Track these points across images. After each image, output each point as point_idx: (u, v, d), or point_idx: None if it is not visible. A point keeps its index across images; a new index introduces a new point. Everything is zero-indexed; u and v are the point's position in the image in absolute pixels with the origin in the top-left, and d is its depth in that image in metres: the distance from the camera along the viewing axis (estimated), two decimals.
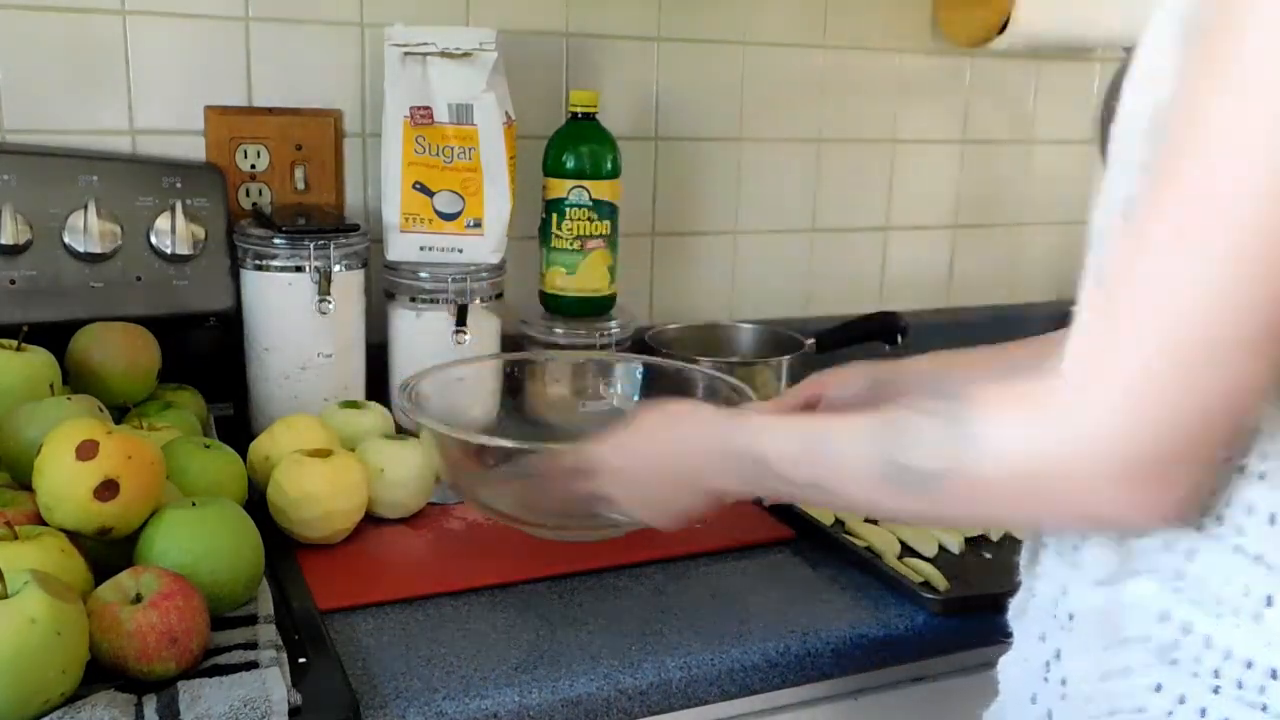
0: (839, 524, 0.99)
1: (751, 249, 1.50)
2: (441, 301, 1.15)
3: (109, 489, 0.73)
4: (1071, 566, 0.62)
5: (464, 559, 0.92)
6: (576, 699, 0.75)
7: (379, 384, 1.19)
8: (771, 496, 0.79)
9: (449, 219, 1.17)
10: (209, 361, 1.16)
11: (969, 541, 0.97)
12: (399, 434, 1.02)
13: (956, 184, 1.63)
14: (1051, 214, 1.70)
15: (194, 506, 0.76)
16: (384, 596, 0.84)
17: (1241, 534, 0.55)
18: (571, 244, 1.24)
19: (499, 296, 1.20)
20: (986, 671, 0.90)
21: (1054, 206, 1.70)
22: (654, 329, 1.36)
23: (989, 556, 0.96)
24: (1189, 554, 0.56)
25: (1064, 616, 0.63)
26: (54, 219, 1.07)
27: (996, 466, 0.56)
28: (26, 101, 1.12)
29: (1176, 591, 0.57)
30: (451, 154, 1.16)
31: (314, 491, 0.89)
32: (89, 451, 0.73)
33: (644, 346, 1.29)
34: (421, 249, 1.17)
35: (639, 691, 0.77)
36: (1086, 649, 0.60)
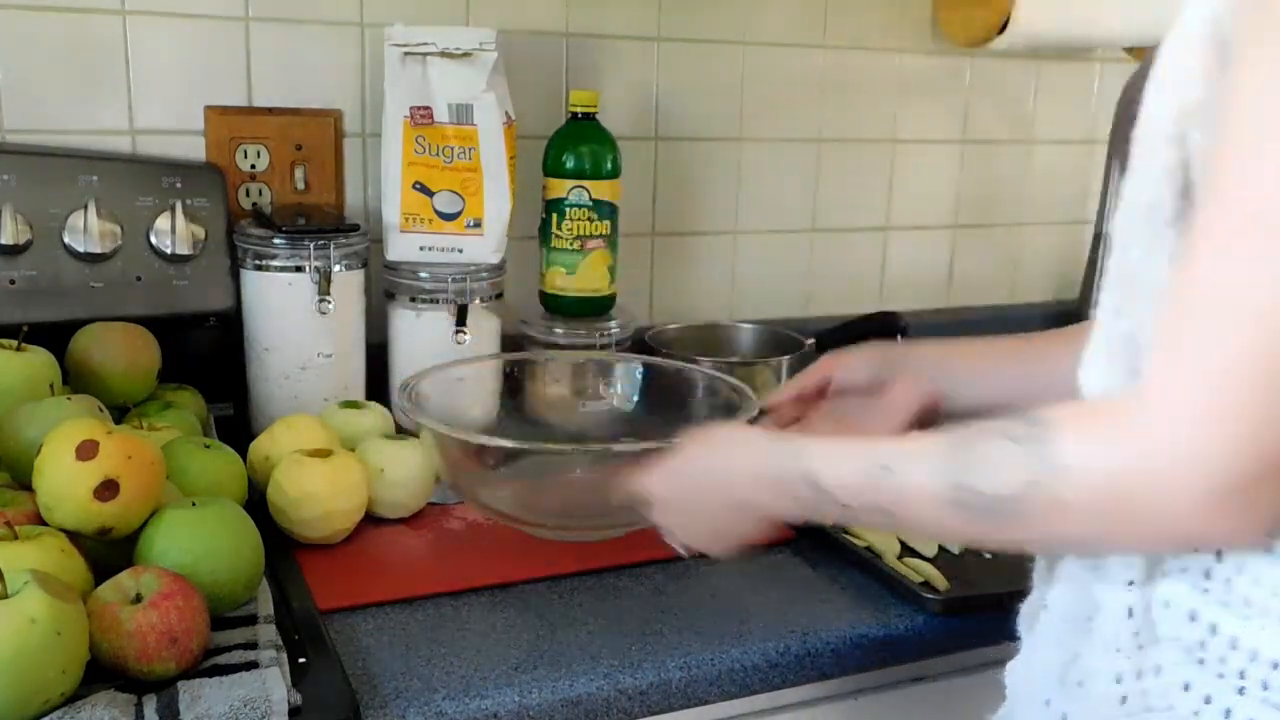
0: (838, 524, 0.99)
1: (751, 249, 1.50)
2: (441, 301, 1.15)
3: (109, 489, 0.73)
4: (1093, 570, 0.62)
5: (464, 559, 0.92)
6: (576, 699, 0.75)
7: (379, 384, 1.19)
8: (828, 520, 0.76)
9: (449, 219, 1.17)
10: (209, 361, 1.16)
11: None
12: (399, 434, 1.02)
13: (956, 184, 1.63)
14: (1051, 214, 1.70)
15: (194, 506, 0.76)
16: (384, 596, 0.84)
17: (1273, 536, 0.54)
18: (571, 244, 1.24)
19: (499, 296, 1.20)
20: (986, 671, 0.90)
21: (1054, 206, 1.70)
22: (654, 329, 1.36)
23: (989, 556, 0.96)
24: (1219, 555, 0.56)
25: (1083, 619, 0.63)
26: (54, 219, 1.07)
27: (1078, 489, 0.54)
28: (26, 101, 1.12)
29: (1205, 592, 0.57)
30: (451, 154, 1.16)
31: (314, 491, 0.89)
32: (89, 451, 0.73)
33: (644, 346, 1.29)
34: (421, 249, 1.17)
35: (639, 691, 0.77)
36: (1113, 649, 0.60)
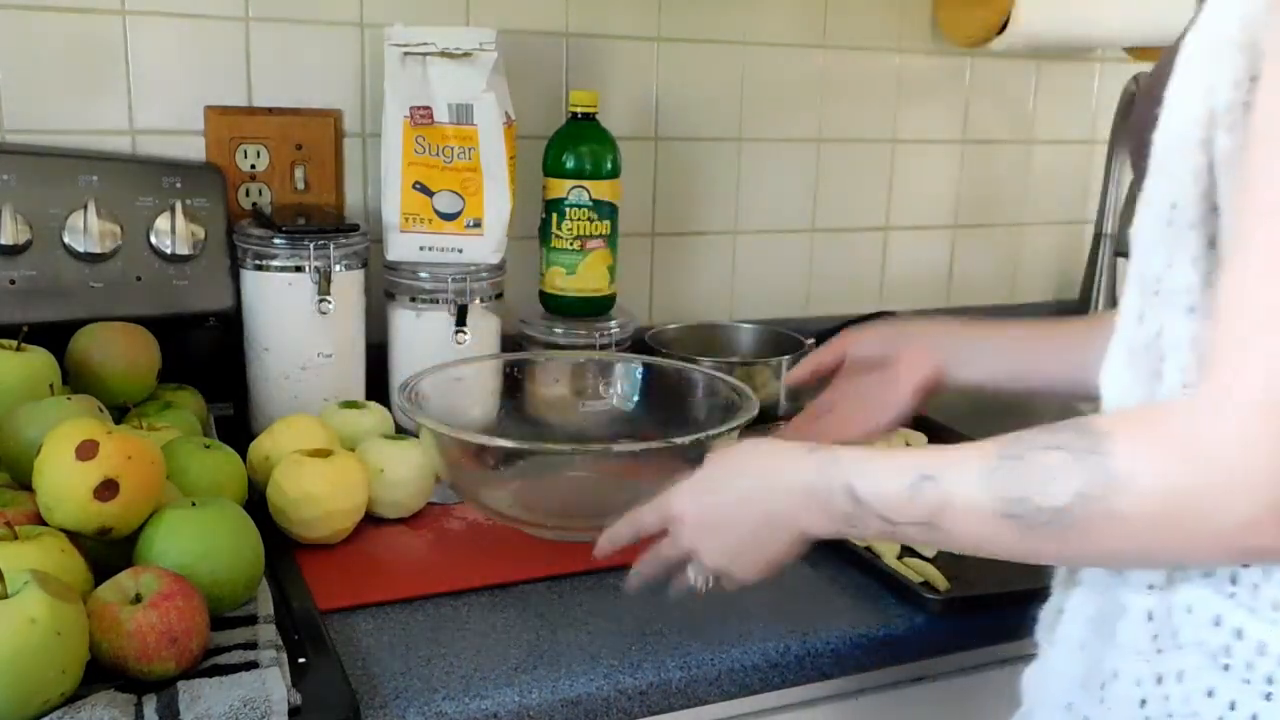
0: None
1: (751, 249, 1.50)
2: (441, 301, 1.15)
3: (109, 489, 0.73)
4: (1114, 574, 0.62)
5: (464, 559, 0.92)
6: (576, 699, 0.75)
7: (379, 384, 1.19)
8: (868, 536, 0.73)
9: (449, 219, 1.17)
10: (209, 361, 1.16)
11: None
12: (399, 434, 1.02)
13: (956, 184, 1.63)
14: (1051, 214, 1.70)
15: (194, 506, 0.76)
16: (384, 596, 0.84)
17: None
18: (571, 244, 1.24)
19: (499, 296, 1.20)
20: (986, 671, 0.91)
21: (1054, 206, 1.70)
22: (654, 329, 1.36)
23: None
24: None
25: (1105, 624, 0.62)
26: (54, 219, 1.07)
27: (1133, 501, 0.53)
28: (26, 101, 1.12)
29: (1231, 597, 0.56)
30: (451, 154, 1.16)
31: (314, 491, 0.89)
32: (89, 451, 0.73)
33: (644, 346, 1.28)
34: (421, 249, 1.17)
35: (639, 691, 0.77)
36: (1136, 653, 0.60)
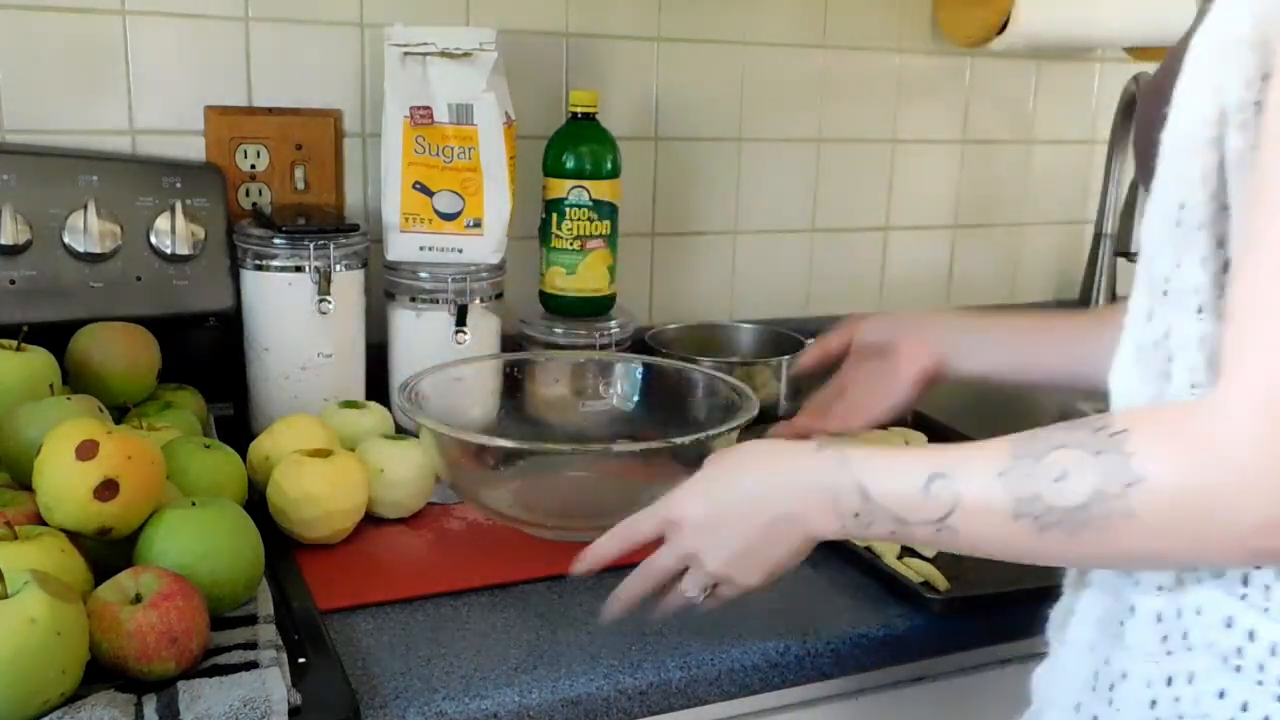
0: None
1: (751, 249, 1.50)
2: (441, 301, 1.15)
3: (109, 489, 0.73)
4: (1126, 575, 0.62)
5: (464, 559, 0.92)
6: (576, 699, 0.75)
7: (379, 384, 1.19)
8: (878, 538, 0.69)
9: (449, 219, 1.17)
10: (209, 361, 1.16)
11: None
12: (399, 434, 1.02)
13: (956, 184, 1.63)
14: (1051, 214, 1.70)
15: (194, 506, 0.76)
16: (384, 596, 0.84)
17: None
18: (571, 244, 1.24)
19: (499, 296, 1.19)
20: (987, 671, 0.91)
21: (1054, 206, 1.70)
22: (654, 329, 1.36)
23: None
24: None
25: (1115, 624, 0.62)
26: (54, 219, 1.07)
27: (1152, 500, 0.53)
28: (26, 101, 1.12)
29: (1242, 598, 0.56)
30: (451, 154, 1.16)
31: (314, 491, 0.89)
32: (89, 451, 0.73)
33: (644, 346, 1.29)
34: (421, 249, 1.17)
35: (639, 691, 0.76)
36: (1145, 655, 0.60)
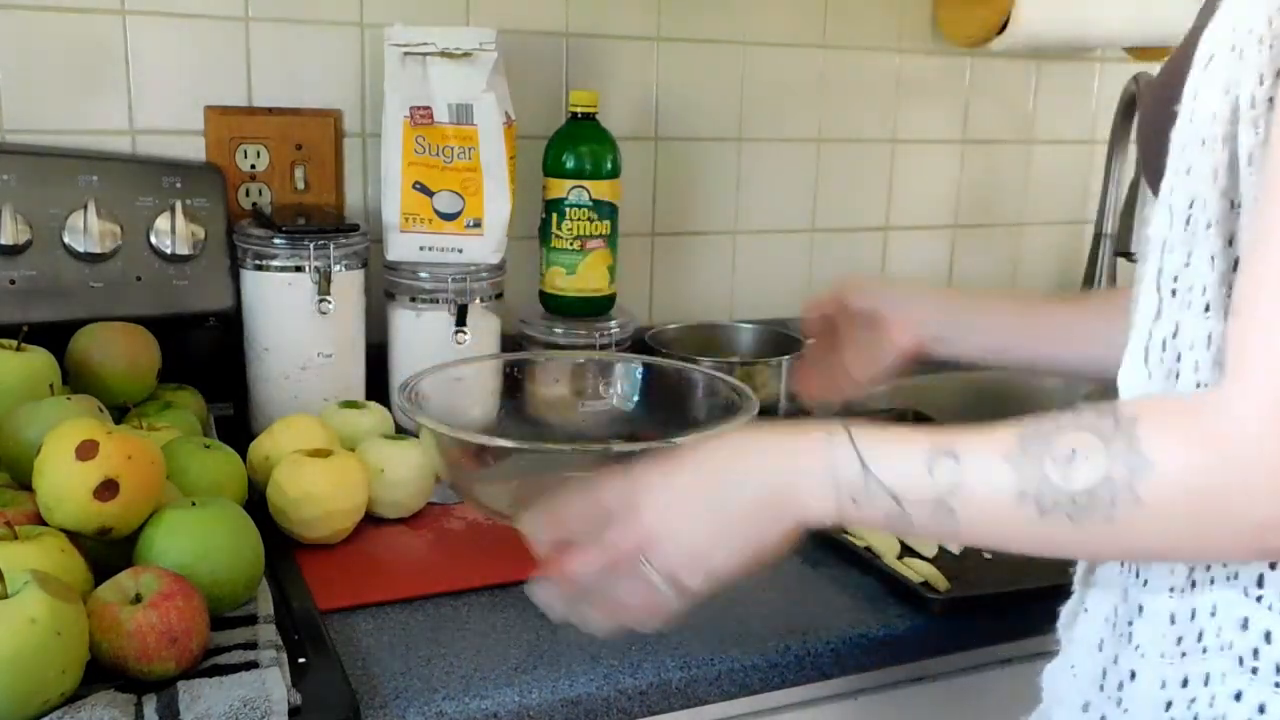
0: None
1: (751, 249, 1.50)
2: (441, 301, 1.15)
3: (109, 489, 0.73)
4: (1134, 575, 0.62)
5: (464, 559, 0.92)
6: (576, 699, 0.75)
7: (379, 384, 1.19)
8: (872, 523, 0.62)
9: (449, 219, 1.17)
10: (209, 361, 1.16)
11: None
12: (399, 434, 1.02)
13: (956, 184, 1.63)
14: (1051, 214, 1.70)
15: (194, 506, 0.76)
16: (384, 596, 0.84)
17: None
18: (571, 244, 1.24)
19: (499, 296, 1.19)
20: (986, 671, 0.91)
21: (1054, 206, 1.70)
22: (654, 329, 1.36)
23: (989, 557, 0.96)
24: (1273, 563, 0.56)
25: (1124, 624, 0.62)
26: (54, 219, 1.07)
27: (1161, 490, 0.52)
28: (26, 101, 1.12)
29: (1258, 600, 0.56)
30: (451, 154, 1.16)
31: (314, 491, 0.89)
32: (89, 451, 0.73)
33: (644, 346, 1.28)
34: (421, 249, 1.17)
35: (639, 691, 0.76)
36: (1157, 656, 0.60)
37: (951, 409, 1.18)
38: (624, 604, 0.66)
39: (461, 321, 1.14)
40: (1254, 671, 0.56)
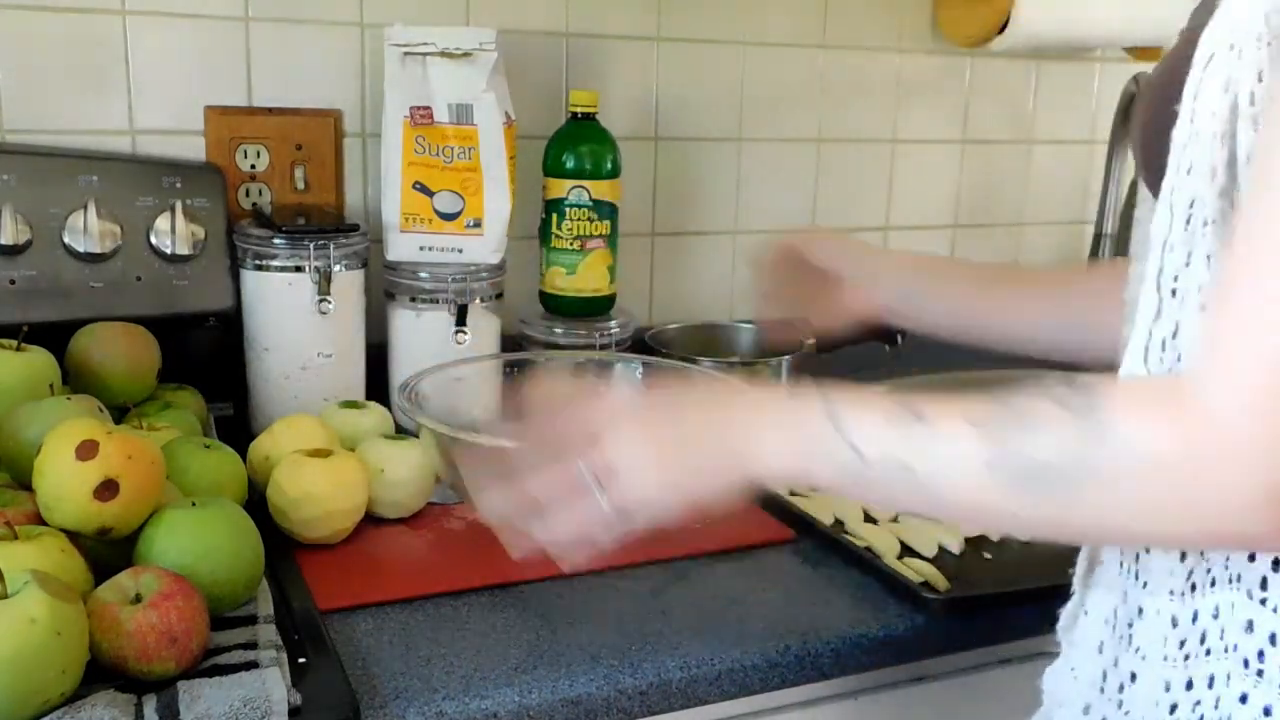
0: (839, 524, 0.99)
1: (751, 249, 1.50)
2: (441, 301, 1.15)
3: (109, 489, 0.73)
4: (1134, 577, 0.62)
5: (464, 559, 0.92)
6: (576, 699, 0.75)
7: (379, 384, 1.19)
8: (830, 482, 0.61)
9: (449, 219, 1.17)
10: (209, 361, 1.16)
11: (969, 541, 0.97)
12: (399, 434, 1.02)
13: (956, 184, 1.63)
14: (1051, 214, 1.70)
15: (194, 506, 0.76)
16: (384, 596, 0.84)
17: None
18: (571, 244, 1.24)
19: (499, 296, 1.19)
20: (986, 671, 0.91)
21: (1054, 206, 1.70)
22: (654, 329, 1.35)
23: (989, 556, 0.96)
24: (1276, 564, 0.56)
25: (1124, 626, 0.62)
26: (54, 219, 1.07)
27: (1128, 464, 0.52)
28: (26, 101, 1.12)
29: (1263, 603, 0.56)
30: (451, 154, 1.16)
31: (314, 491, 0.89)
32: (89, 451, 0.73)
33: (644, 346, 1.28)
34: (421, 249, 1.17)
35: (639, 691, 0.76)
36: (1159, 658, 0.60)
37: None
38: (564, 528, 0.67)
39: (461, 321, 1.14)
40: (1259, 674, 0.56)
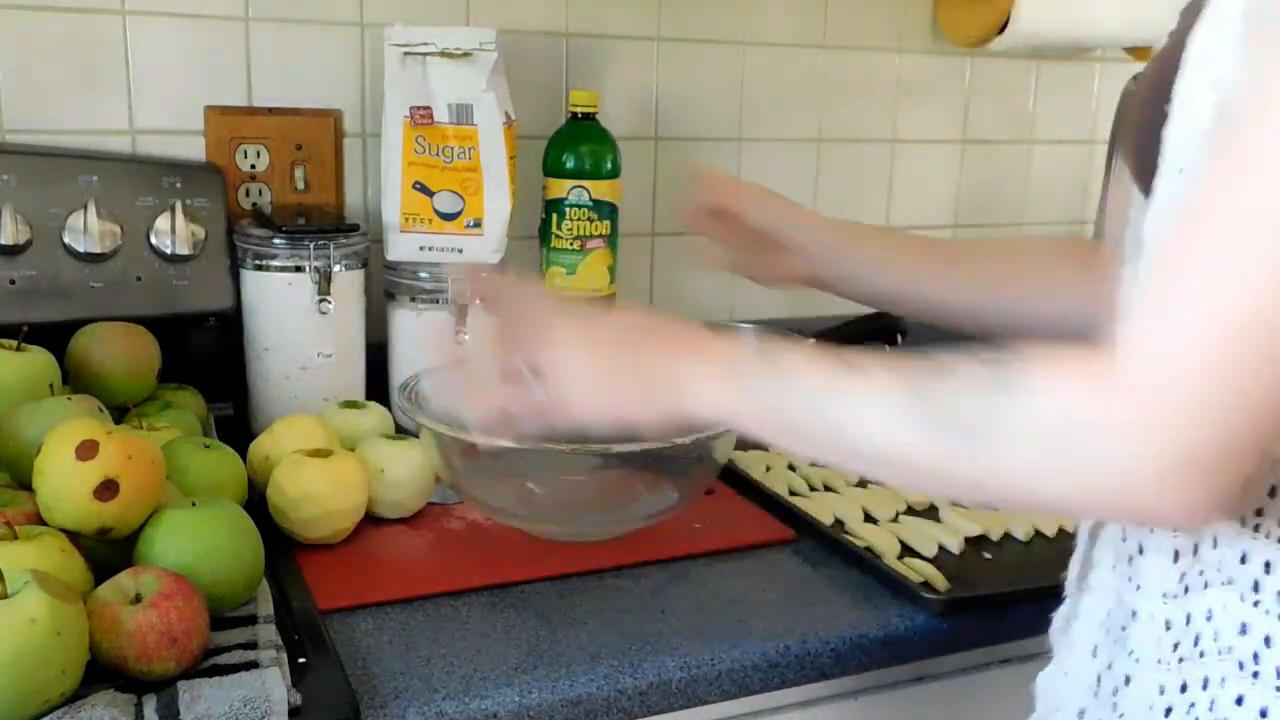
0: (839, 524, 0.99)
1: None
2: (441, 301, 1.15)
3: (109, 489, 0.73)
4: (1127, 580, 0.62)
5: (464, 559, 0.92)
6: (576, 699, 0.75)
7: (379, 384, 1.19)
8: (755, 426, 0.64)
9: (449, 219, 1.17)
10: (209, 361, 1.16)
11: (969, 541, 0.97)
12: (399, 434, 1.02)
13: (956, 184, 1.63)
14: (1051, 214, 1.70)
15: (194, 506, 0.76)
16: (384, 596, 0.84)
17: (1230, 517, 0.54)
18: (571, 244, 1.24)
19: None
20: (987, 671, 0.91)
21: (1054, 206, 1.70)
22: None
23: (989, 556, 0.96)
24: (1267, 567, 0.56)
25: (1117, 630, 0.62)
26: (54, 219, 1.07)
27: (1037, 419, 0.53)
28: (26, 101, 1.12)
29: (1255, 605, 0.56)
30: (451, 154, 1.16)
31: (314, 491, 0.89)
32: (89, 451, 0.73)
33: None
34: (421, 249, 1.17)
35: (639, 691, 0.77)
36: (1153, 661, 0.60)
37: None
38: (492, 402, 0.73)
39: (461, 321, 1.14)
40: (1255, 676, 0.56)
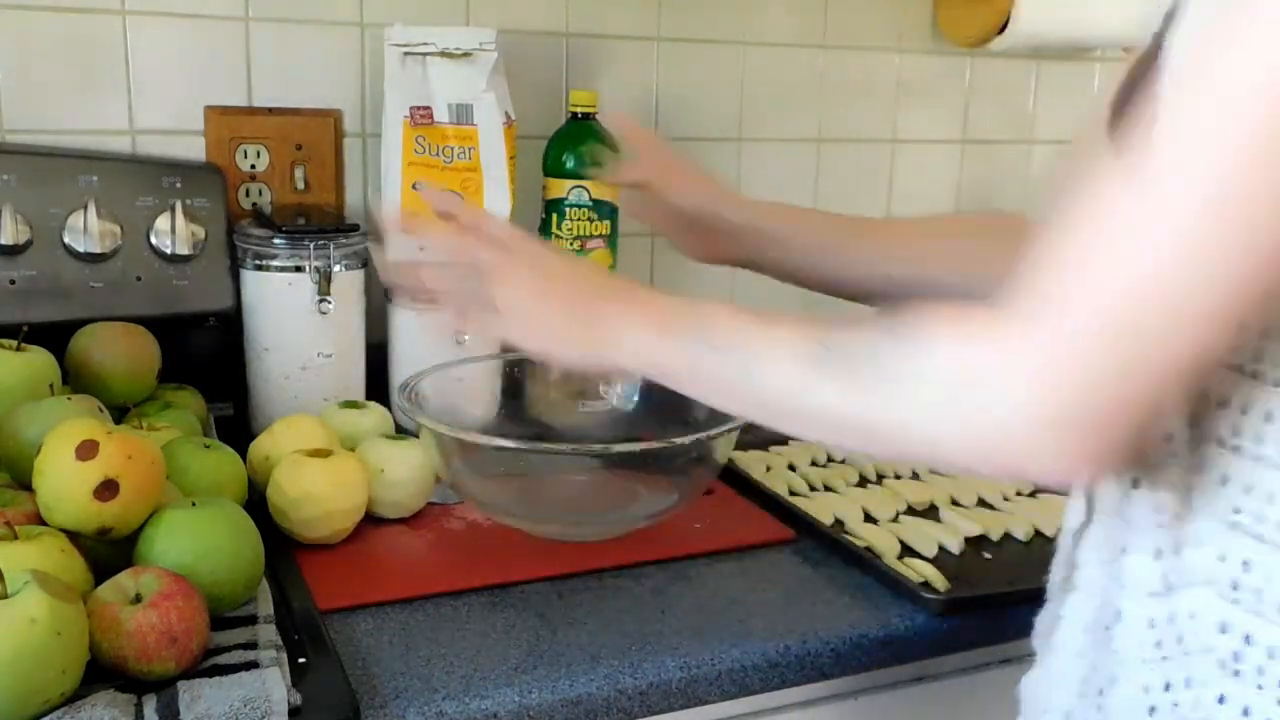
0: (839, 524, 0.99)
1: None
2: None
3: (109, 489, 0.73)
4: (1112, 579, 0.61)
5: (464, 559, 0.92)
6: (576, 699, 0.75)
7: (379, 384, 1.19)
8: (672, 371, 0.70)
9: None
10: (209, 361, 1.16)
11: (969, 541, 0.97)
12: (399, 434, 1.02)
13: (956, 184, 1.63)
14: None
15: (194, 506, 0.76)
16: (384, 596, 0.84)
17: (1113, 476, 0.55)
18: (571, 244, 1.24)
19: None
20: (986, 671, 0.91)
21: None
22: None
23: (989, 556, 0.96)
24: (1245, 565, 0.55)
25: (1101, 630, 0.62)
26: (54, 219, 1.07)
27: (926, 364, 0.55)
28: (26, 101, 1.12)
29: (1235, 603, 0.56)
30: (451, 154, 1.16)
31: (314, 491, 0.89)
32: (89, 451, 0.73)
33: None
34: (421, 249, 1.17)
35: (639, 691, 0.77)
36: (1138, 661, 0.60)
37: None
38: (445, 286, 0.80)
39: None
40: (1236, 674, 0.56)
